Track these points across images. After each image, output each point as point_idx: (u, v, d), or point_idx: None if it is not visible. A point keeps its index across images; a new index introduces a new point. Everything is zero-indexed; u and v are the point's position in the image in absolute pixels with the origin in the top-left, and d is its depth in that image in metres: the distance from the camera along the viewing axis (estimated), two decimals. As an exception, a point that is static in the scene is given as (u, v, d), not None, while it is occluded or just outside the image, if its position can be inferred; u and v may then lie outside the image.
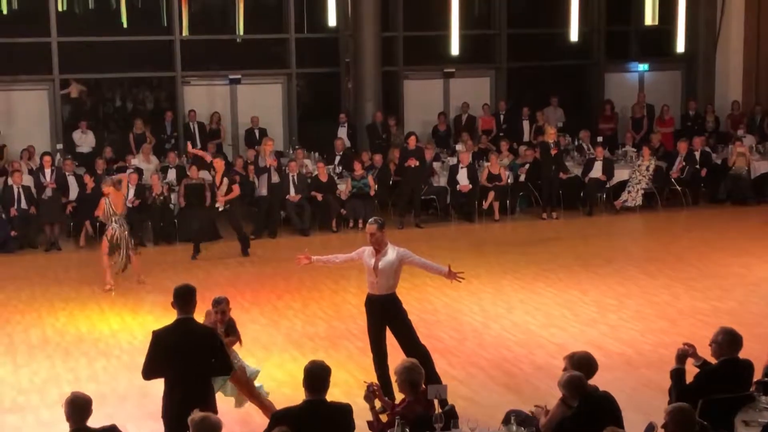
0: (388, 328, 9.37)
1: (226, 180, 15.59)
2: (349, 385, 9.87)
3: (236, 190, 15.64)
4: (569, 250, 15.71)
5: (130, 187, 16.37)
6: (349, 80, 21.06)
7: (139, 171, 17.62)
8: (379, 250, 9.28)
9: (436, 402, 6.94)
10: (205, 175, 17.40)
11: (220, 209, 15.64)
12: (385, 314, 9.30)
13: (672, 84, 23.37)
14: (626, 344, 11.03)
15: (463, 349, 11.09)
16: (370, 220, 9.56)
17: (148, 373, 7.38)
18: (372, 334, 9.40)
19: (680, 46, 15.14)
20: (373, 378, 8.79)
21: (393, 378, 7.38)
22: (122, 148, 19.53)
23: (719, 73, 22.63)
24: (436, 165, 18.78)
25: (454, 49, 15.92)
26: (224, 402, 8.44)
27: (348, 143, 19.96)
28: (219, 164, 15.69)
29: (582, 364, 7.13)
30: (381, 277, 9.26)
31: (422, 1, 22.03)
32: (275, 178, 17.16)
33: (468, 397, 9.49)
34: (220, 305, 8.50)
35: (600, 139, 20.52)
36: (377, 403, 7.22)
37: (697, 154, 19.00)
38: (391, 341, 9.39)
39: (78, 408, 6.47)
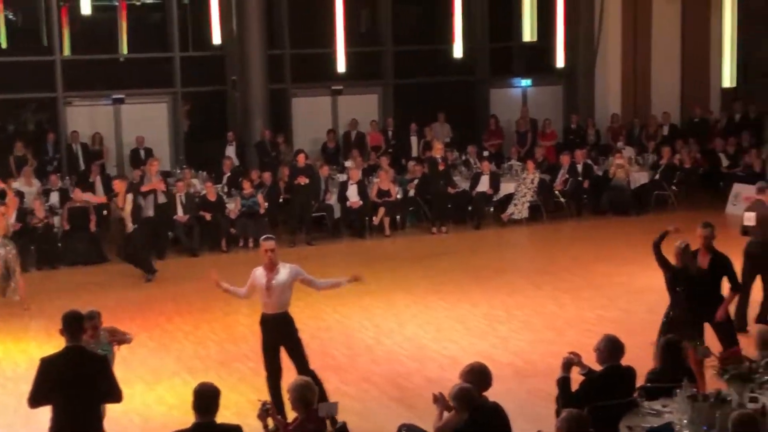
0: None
1: (130, 197, 15.14)
2: (240, 407, 9.80)
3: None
4: (459, 264, 15.91)
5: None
6: (236, 99, 20.95)
7: (20, 194, 17.16)
8: (272, 268, 9.23)
9: (327, 421, 6.94)
10: (89, 196, 17.07)
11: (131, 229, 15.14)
12: (279, 332, 9.27)
13: (554, 98, 23.91)
14: (515, 355, 11.21)
15: (356, 365, 11.12)
16: (266, 237, 9.53)
17: (35, 401, 7.17)
18: (266, 353, 9.36)
19: (560, 62, 15.47)
20: (267, 397, 8.74)
21: (286, 396, 7.35)
22: (2, 170, 18.99)
23: (599, 87, 23.24)
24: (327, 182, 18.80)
25: (341, 66, 15.98)
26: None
27: (236, 162, 19.83)
28: (119, 186, 15.30)
29: (476, 376, 7.21)
30: (274, 296, 9.24)
31: (308, 18, 22.08)
32: (162, 199, 16.92)
33: (361, 413, 9.51)
34: (93, 320, 8.32)
35: (486, 153, 20.87)
36: (270, 422, 7.18)
37: (580, 167, 19.47)
38: (285, 360, 9.35)
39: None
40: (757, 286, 11.72)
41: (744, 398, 6.99)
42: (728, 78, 9.59)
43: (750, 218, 11.54)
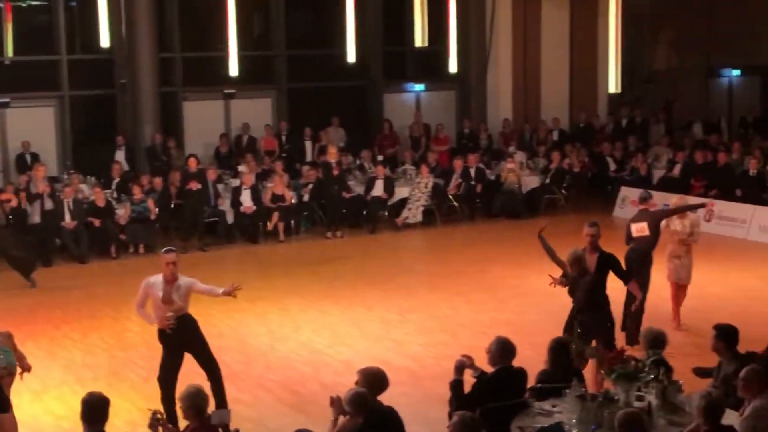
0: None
1: None
2: (131, 415, 9.63)
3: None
4: (354, 268, 15.92)
5: None
6: (125, 102, 20.59)
7: None
8: (173, 281, 9.01)
9: (220, 429, 6.86)
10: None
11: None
12: (182, 338, 9.06)
13: (447, 103, 24.13)
14: (410, 358, 11.27)
15: (251, 372, 11.02)
16: (167, 249, 9.33)
17: None
18: (166, 363, 9.13)
19: (452, 67, 15.65)
20: (158, 405, 8.59)
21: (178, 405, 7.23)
22: None
23: (490, 93, 23.56)
24: (219, 187, 18.60)
25: (233, 70, 15.87)
26: None
27: (126, 166, 19.48)
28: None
29: (372, 380, 7.21)
30: (173, 310, 9.03)
31: (200, 22, 21.84)
32: (49, 205, 16.52)
33: (255, 420, 9.44)
34: None
35: (380, 158, 20.96)
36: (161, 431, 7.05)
37: (472, 171, 19.70)
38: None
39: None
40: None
41: (630, 397, 7.16)
42: (614, 84, 9.82)
43: (642, 228, 11.69)
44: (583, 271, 9.80)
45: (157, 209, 17.46)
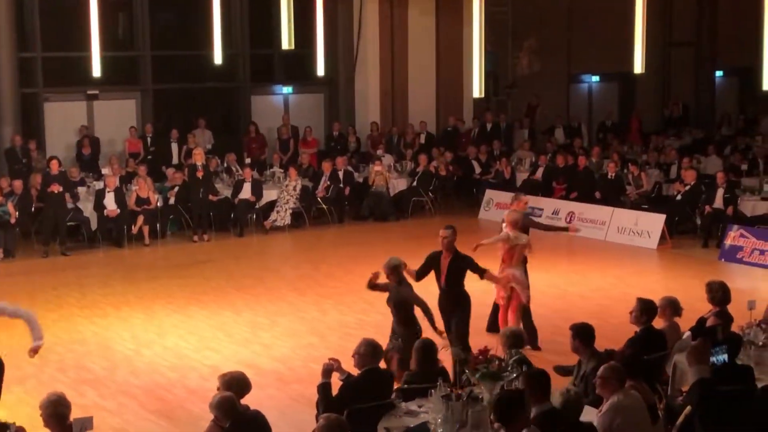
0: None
1: None
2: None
3: None
4: (222, 272, 15.79)
5: None
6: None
7: None
8: None
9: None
10: None
11: None
12: None
13: (315, 106, 24.18)
14: (278, 361, 11.26)
15: (115, 378, 10.83)
16: None
17: None
18: None
19: (320, 70, 15.71)
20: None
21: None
22: None
23: (359, 96, 23.71)
24: (81, 190, 18.19)
25: (96, 71, 15.55)
26: None
27: (-16, 169, 18.89)
28: None
29: (234, 384, 7.20)
30: None
31: (62, 21, 21.28)
32: None
33: (119, 428, 9.29)
34: None
35: (248, 160, 20.84)
36: None
37: (341, 174, 19.80)
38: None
39: None
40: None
41: (494, 396, 7.32)
42: (478, 89, 10.04)
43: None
44: (400, 280, 9.86)
45: (17, 213, 16.95)
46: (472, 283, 10.65)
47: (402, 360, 8.90)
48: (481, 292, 11.20)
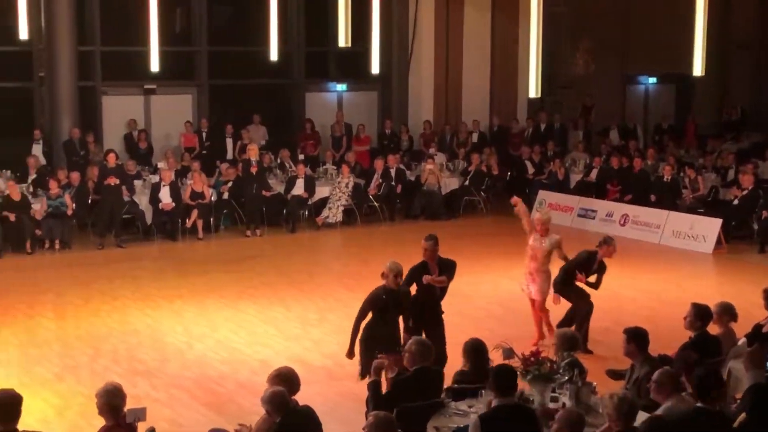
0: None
1: None
2: (44, 413, 9.49)
3: None
4: (273, 267, 15.87)
5: None
6: (43, 95, 20.24)
7: None
8: None
9: (138, 426, 6.81)
10: None
11: None
12: None
13: (369, 103, 24.21)
14: (328, 357, 11.29)
15: (166, 370, 10.93)
16: None
17: None
18: None
19: (375, 68, 15.68)
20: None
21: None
22: None
23: (412, 94, 23.70)
24: (137, 183, 18.39)
25: (154, 66, 15.69)
26: None
27: (43, 161, 19.15)
28: None
29: (283, 381, 7.23)
30: None
31: (121, 16, 21.54)
32: (-38, 198, 16.18)
33: (171, 419, 9.37)
34: None
35: (301, 156, 20.93)
36: None
37: (393, 172, 19.80)
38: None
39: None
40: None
41: (545, 398, 7.29)
42: (534, 89, 9.96)
43: None
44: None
45: (74, 204, 17.20)
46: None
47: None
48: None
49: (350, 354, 9.51)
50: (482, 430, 6.55)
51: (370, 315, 9.48)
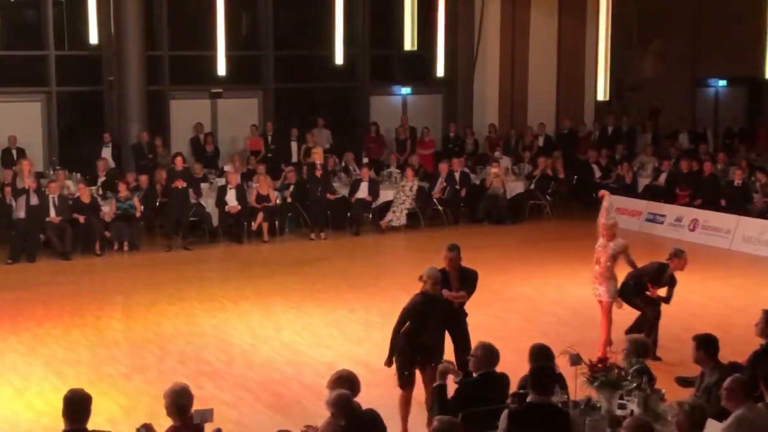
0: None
1: None
2: (113, 413, 9.60)
3: None
4: (337, 270, 15.92)
5: None
6: (112, 99, 20.56)
7: None
8: None
9: (204, 427, 6.85)
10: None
11: None
12: None
13: (433, 107, 24.17)
14: (392, 361, 11.24)
15: (232, 371, 11.01)
16: None
17: None
18: None
19: (440, 71, 15.65)
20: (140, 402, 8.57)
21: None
22: None
23: (477, 97, 23.61)
24: (204, 186, 18.58)
25: (221, 70, 15.84)
26: None
27: (112, 164, 19.44)
28: None
29: (344, 383, 7.22)
30: None
31: (188, 20, 21.80)
32: (34, 200, 16.46)
33: (236, 420, 9.42)
34: None
35: (366, 160, 20.96)
36: None
37: (457, 175, 19.73)
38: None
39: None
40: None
41: (613, 405, 7.18)
42: (602, 91, 9.85)
43: None
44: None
45: (142, 207, 17.43)
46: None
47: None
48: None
49: (389, 363, 9.23)
50: (509, 422, 6.55)
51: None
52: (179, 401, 6.80)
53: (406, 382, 9.05)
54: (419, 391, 9.17)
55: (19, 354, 11.47)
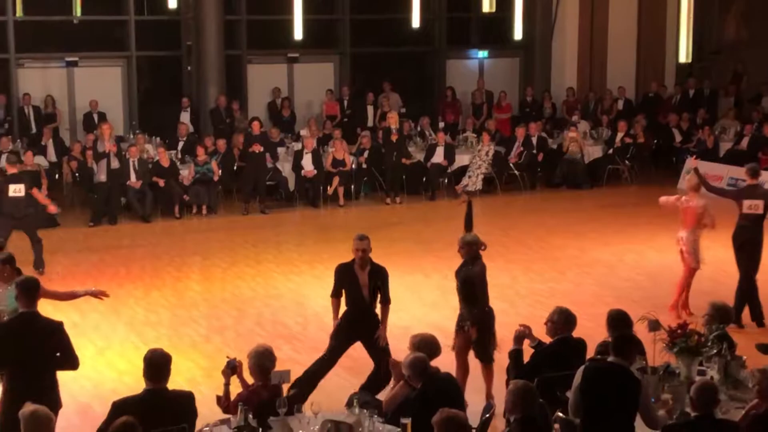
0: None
1: None
2: (192, 373, 9.78)
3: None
4: (412, 235, 15.93)
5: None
6: (190, 64, 20.76)
7: (-30, 156, 16.88)
8: None
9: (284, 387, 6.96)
10: (40, 160, 16.90)
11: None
12: None
13: (510, 71, 23.93)
14: (467, 325, 11.23)
15: (308, 333, 11.13)
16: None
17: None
18: None
19: (518, 34, 15.46)
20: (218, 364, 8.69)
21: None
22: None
23: (555, 61, 23.30)
24: (280, 150, 18.71)
25: (298, 34, 15.84)
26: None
27: (191, 128, 19.66)
28: None
29: (424, 346, 7.25)
30: None
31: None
32: (115, 164, 16.75)
33: (312, 382, 9.50)
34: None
35: (442, 124, 20.87)
36: (234, 380, 7.16)
37: (534, 140, 19.54)
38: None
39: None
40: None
41: (692, 371, 7.10)
42: (684, 53, 9.62)
43: (755, 206, 11.07)
44: (473, 257, 9.29)
45: (220, 171, 17.62)
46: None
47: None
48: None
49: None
50: (583, 379, 6.53)
51: None
52: (262, 362, 6.95)
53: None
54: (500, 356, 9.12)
55: (101, 314, 11.72)
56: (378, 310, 9.19)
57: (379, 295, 9.12)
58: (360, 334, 9.08)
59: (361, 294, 9.00)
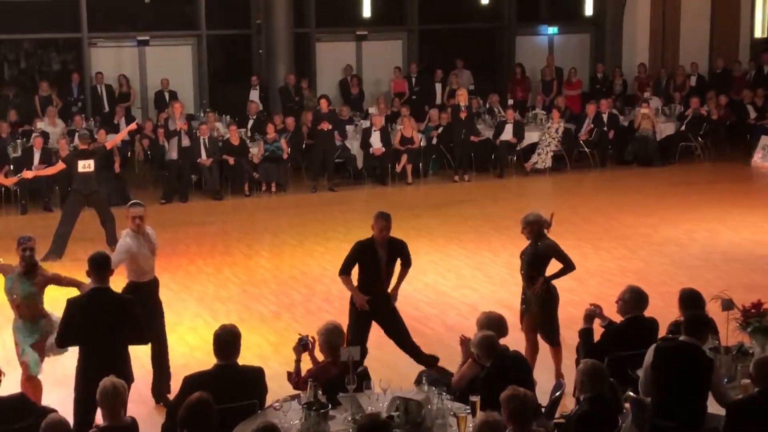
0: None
1: None
2: (262, 349, 9.89)
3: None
4: (481, 212, 15.88)
5: (35, 151, 16.14)
6: (260, 42, 20.88)
7: (45, 135, 17.21)
8: (142, 232, 8.69)
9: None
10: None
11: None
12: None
13: (581, 47, 23.63)
14: (536, 304, 11.18)
15: (376, 310, 11.12)
16: (135, 203, 8.90)
17: (62, 340, 7.33)
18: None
19: (589, 9, 15.31)
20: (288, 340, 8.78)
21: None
22: (27, 111, 19.06)
23: (627, 36, 22.95)
24: (349, 128, 18.75)
25: (366, 12, 15.88)
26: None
27: (260, 106, 19.80)
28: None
29: (491, 325, 7.23)
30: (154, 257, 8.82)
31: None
32: (186, 142, 16.95)
33: (380, 359, 9.51)
34: (22, 244, 8.23)
35: (510, 101, 20.71)
36: (305, 356, 7.23)
37: (605, 117, 19.31)
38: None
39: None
40: None
41: (766, 351, 6.98)
42: (760, 28, 9.41)
43: None
44: (538, 235, 9.21)
45: (289, 149, 17.72)
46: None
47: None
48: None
49: None
50: (656, 356, 6.50)
51: None
52: (332, 339, 7.02)
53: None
54: (569, 333, 9.07)
55: (172, 290, 11.88)
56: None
57: (398, 267, 9.00)
58: (376, 317, 9.07)
59: (379, 273, 8.96)
